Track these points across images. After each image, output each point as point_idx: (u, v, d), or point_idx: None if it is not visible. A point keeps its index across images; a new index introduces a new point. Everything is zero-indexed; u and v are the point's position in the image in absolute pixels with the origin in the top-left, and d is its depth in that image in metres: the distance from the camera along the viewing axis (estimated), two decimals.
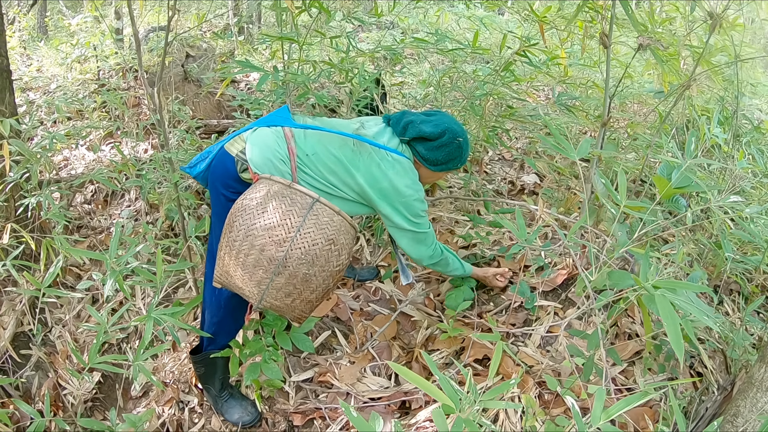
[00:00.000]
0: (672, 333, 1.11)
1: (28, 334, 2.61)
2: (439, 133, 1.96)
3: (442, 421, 1.07)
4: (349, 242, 1.78)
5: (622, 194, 1.57)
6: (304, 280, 1.69)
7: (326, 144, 1.90)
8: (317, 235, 1.68)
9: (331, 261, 1.72)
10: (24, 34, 5.94)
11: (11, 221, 2.61)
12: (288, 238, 1.65)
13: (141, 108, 4.24)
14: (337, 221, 1.73)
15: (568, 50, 3.37)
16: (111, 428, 2.02)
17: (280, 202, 1.69)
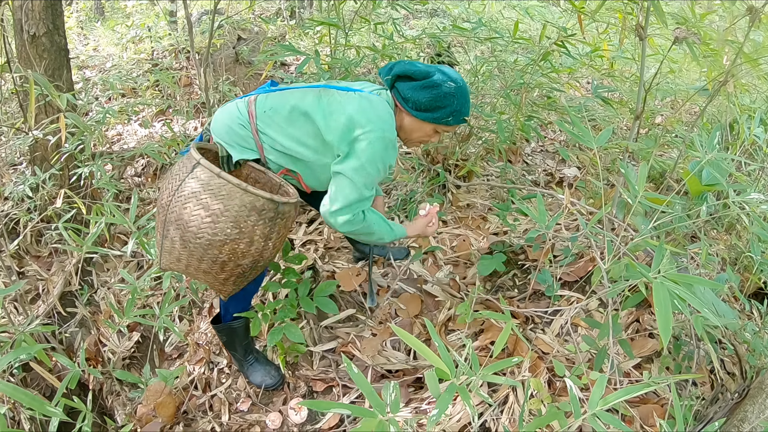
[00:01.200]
0: (661, 319, 1.14)
1: (75, 294, 2.78)
2: (426, 72, 1.76)
3: (434, 384, 1.13)
4: (233, 208, 1.57)
5: (640, 186, 1.58)
6: (183, 245, 1.62)
7: (286, 97, 1.81)
8: (188, 198, 1.58)
9: (204, 229, 1.57)
10: (81, 14, 6.22)
11: (65, 188, 2.78)
12: (167, 201, 1.62)
13: (192, 87, 4.41)
14: (215, 184, 1.57)
15: (611, 43, 3.33)
16: (143, 381, 2.16)
17: (179, 167, 1.66)
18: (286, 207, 1.65)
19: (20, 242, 2.96)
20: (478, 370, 1.25)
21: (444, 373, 1.16)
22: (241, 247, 1.61)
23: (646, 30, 2.08)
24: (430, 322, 1.39)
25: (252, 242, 1.62)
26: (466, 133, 3.10)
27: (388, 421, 1.07)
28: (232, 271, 1.68)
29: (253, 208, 1.57)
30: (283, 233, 1.71)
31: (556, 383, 1.96)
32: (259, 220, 1.59)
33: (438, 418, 1.13)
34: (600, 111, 3.71)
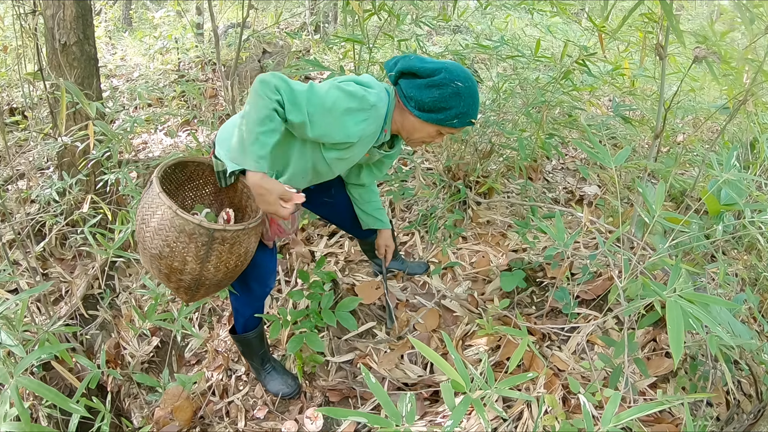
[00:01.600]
0: (673, 337, 1.15)
1: (97, 297, 2.84)
2: (432, 69, 1.65)
3: (450, 396, 1.15)
4: (164, 228, 1.59)
5: (657, 205, 1.59)
6: (141, 253, 1.71)
7: None
8: (139, 211, 1.66)
9: (146, 241, 1.64)
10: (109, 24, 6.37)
11: (91, 194, 2.85)
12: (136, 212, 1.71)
13: (217, 99, 4.49)
14: (156, 203, 1.61)
15: (632, 61, 3.34)
16: (161, 384, 2.20)
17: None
18: (226, 234, 1.61)
19: (45, 245, 3.03)
20: (493, 384, 1.26)
21: (459, 385, 1.17)
22: (176, 264, 1.63)
23: (666, 49, 2.10)
24: (448, 336, 1.40)
25: (185, 262, 1.62)
26: (488, 150, 3.12)
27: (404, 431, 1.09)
28: (178, 284, 1.70)
29: (182, 230, 1.58)
30: (227, 258, 1.67)
31: (571, 400, 1.96)
32: (189, 243, 1.59)
33: (452, 429, 1.14)
34: (621, 129, 3.72)
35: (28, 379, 1.39)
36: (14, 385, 1.39)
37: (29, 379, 1.40)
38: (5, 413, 1.40)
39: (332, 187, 2.23)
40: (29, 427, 1.43)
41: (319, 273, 2.34)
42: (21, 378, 1.39)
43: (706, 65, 2.21)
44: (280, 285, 2.74)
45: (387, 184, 3.25)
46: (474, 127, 3.07)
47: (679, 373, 2.10)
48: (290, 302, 2.57)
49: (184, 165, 1.95)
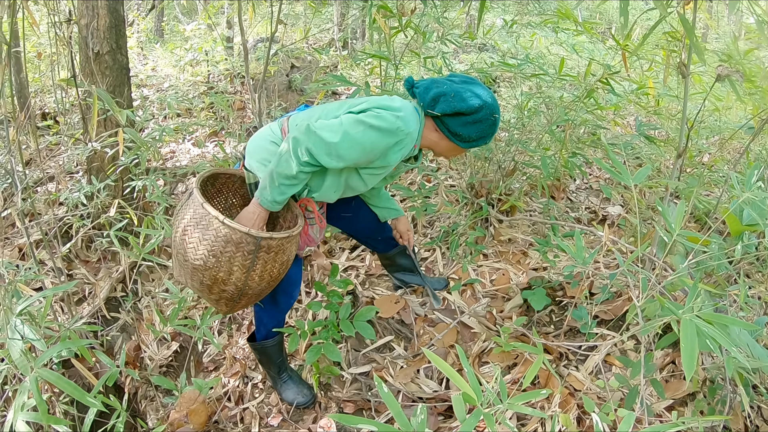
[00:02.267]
0: (686, 356, 1.14)
1: (120, 300, 2.90)
2: (476, 107, 1.76)
3: (460, 408, 1.15)
4: (210, 239, 1.62)
5: (677, 224, 1.58)
6: (179, 264, 1.72)
7: (317, 109, 1.87)
8: (179, 223, 1.67)
9: (188, 253, 1.65)
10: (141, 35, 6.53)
11: (118, 199, 2.92)
12: (173, 221, 1.74)
13: (245, 111, 4.57)
14: (198, 214, 1.64)
15: (656, 80, 3.33)
16: (178, 388, 2.23)
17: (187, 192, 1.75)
18: (272, 242, 1.65)
19: (71, 246, 3.11)
20: (506, 400, 1.26)
21: (470, 398, 1.18)
22: (221, 275, 1.66)
23: (688, 67, 2.09)
24: (464, 352, 1.40)
25: (231, 272, 1.65)
26: (511, 168, 3.12)
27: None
28: (219, 295, 1.73)
29: (229, 240, 1.61)
30: (271, 266, 1.72)
31: (586, 420, 1.94)
32: (236, 252, 1.62)
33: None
34: (645, 149, 3.69)
35: (47, 372, 1.43)
36: (34, 376, 1.43)
37: (49, 372, 1.43)
38: (23, 404, 1.43)
39: (353, 200, 2.26)
40: (46, 419, 1.46)
41: (335, 282, 2.36)
42: (41, 370, 1.43)
43: (729, 84, 2.20)
44: (301, 296, 2.76)
45: (410, 200, 3.27)
46: (498, 145, 3.09)
47: (697, 397, 2.07)
48: (309, 313, 2.60)
49: (216, 177, 2.00)
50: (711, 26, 7.05)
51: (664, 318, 1.45)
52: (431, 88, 1.80)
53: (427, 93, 1.81)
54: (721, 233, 3.01)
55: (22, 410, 1.42)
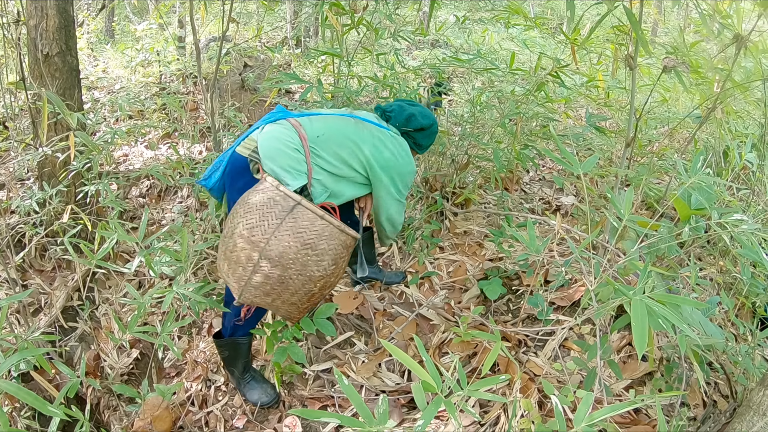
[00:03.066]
0: (638, 335, 1.19)
1: (77, 309, 2.83)
2: (430, 123, 2.30)
3: (420, 396, 1.17)
4: (334, 248, 1.70)
5: (626, 209, 1.64)
6: (280, 281, 1.67)
7: (331, 124, 2.08)
8: (293, 239, 1.64)
9: (310, 266, 1.67)
10: (92, 36, 6.35)
11: (71, 204, 2.85)
12: (263, 239, 1.64)
13: (198, 112, 4.50)
14: (319, 226, 1.67)
15: (606, 73, 3.42)
16: (141, 395, 2.20)
17: (265, 203, 1.70)
18: (349, 239, 1.80)
19: (25, 255, 3.02)
20: (466, 386, 1.29)
21: (430, 386, 1.20)
22: (332, 280, 1.77)
23: (636, 60, 2.16)
24: (422, 344, 1.42)
25: (339, 275, 1.80)
26: (464, 161, 3.16)
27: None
28: (316, 301, 1.82)
29: (346, 245, 1.75)
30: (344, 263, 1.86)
31: (547, 404, 1.99)
32: (346, 255, 1.77)
33: (423, 428, 1.16)
34: (597, 140, 3.79)
35: (7, 383, 1.39)
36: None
37: (8, 383, 1.39)
38: None
39: None
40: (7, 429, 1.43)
41: None
42: (0, 381, 1.39)
43: (676, 75, 2.28)
44: None
45: None
46: (451, 140, 3.12)
47: (654, 376, 2.14)
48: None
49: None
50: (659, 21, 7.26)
51: (616, 300, 1.50)
52: (404, 111, 2.24)
53: (401, 114, 2.24)
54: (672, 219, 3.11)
55: None
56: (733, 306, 2.24)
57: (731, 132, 3.30)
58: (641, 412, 2.04)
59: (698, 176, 1.82)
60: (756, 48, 2.50)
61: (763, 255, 1.65)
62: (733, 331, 2.38)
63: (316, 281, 1.70)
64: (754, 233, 1.60)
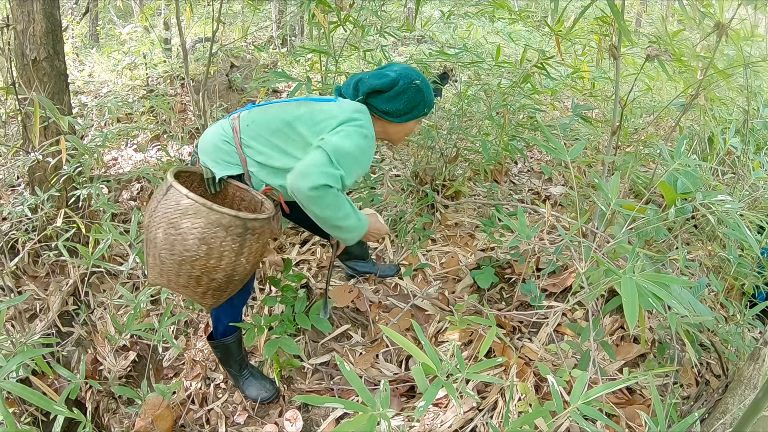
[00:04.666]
0: (629, 311, 1.23)
1: (72, 313, 2.83)
2: (391, 81, 1.90)
3: (421, 378, 1.20)
4: (200, 226, 1.64)
5: (613, 193, 1.68)
6: (161, 262, 1.71)
7: (267, 110, 1.91)
8: (162, 219, 1.68)
9: (176, 246, 1.66)
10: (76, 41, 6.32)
11: (64, 208, 2.85)
12: (147, 221, 1.72)
13: (186, 114, 4.51)
14: (183, 204, 1.65)
15: (591, 64, 3.47)
16: (141, 396, 2.21)
17: (157, 191, 1.76)
18: (256, 223, 1.70)
19: (18, 262, 3.01)
20: (465, 369, 1.32)
21: (429, 368, 1.23)
22: (212, 262, 1.68)
23: (619, 49, 2.20)
24: (417, 324, 1.43)
25: (221, 257, 1.68)
26: (453, 154, 3.20)
27: (379, 415, 1.14)
28: (207, 285, 1.75)
29: (219, 225, 1.64)
30: (256, 248, 1.76)
31: (543, 387, 2.03)
32: (227, 237, 1.66)
33: (425, 409, 1.20)
34: (584, 131, 3.84)
35: (11, 384, 1.40)
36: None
37: (13, 384, 1.40)
38: None
39: None
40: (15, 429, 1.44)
41: (288, 276, 2.38)
42: (4, 382, 1.40)
43: (659, 63, 2.33)
44: (255, 293, 2.77)
45: (356, 192, 3.31)
46: (439, 133, 3.16)
47: (647, 357, 2.19)
48: (265, 309, 2.61)
49: (177, 175, 2.00)
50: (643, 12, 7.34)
51: (607, 280, 1.53)
52: (350, 81, 1.97)
53: (349, 86, 1.97)
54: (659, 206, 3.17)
55: None
56: (722, 289, 2.29)
57: (715, 119, 3.36)
58: (635, 393, 2.08)
59: (683, 160, 1.87)
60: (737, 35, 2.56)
61: (748, 234, 1.69)
62: (723, 313, 2.43)
63: (191, 263, 1.68)
64: (738, 212, 1.64)
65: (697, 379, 2.13)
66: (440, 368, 1.24)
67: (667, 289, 1.44)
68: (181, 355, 2.62)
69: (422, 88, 1.94)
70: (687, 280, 1.80)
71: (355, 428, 1.15)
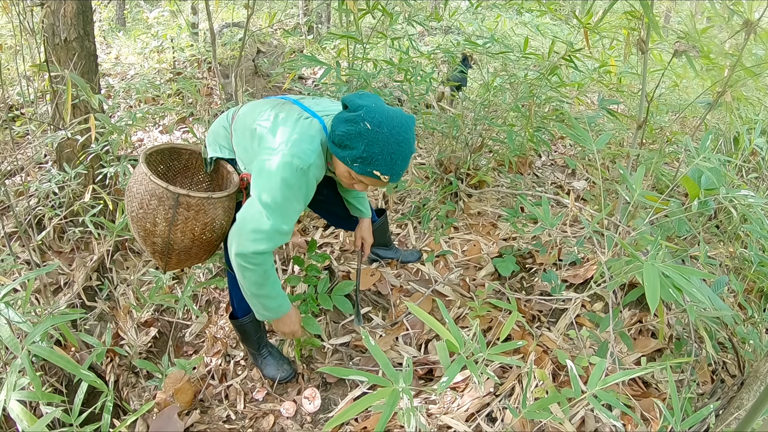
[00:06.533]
0: (650, 294, 1.23)
1: (95, 289, 2.89)
2: (358, 105, 1.61)
3: (444, 354, 1.22)
4: (141, 193, 1.80)
5: (637, 185, 1.68)
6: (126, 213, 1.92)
7: (255, 105, 1.88)
8: (129, 183, 1.88)
9: (128, 205, 1.88)
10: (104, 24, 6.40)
11: (92, 185, 2.90)
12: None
13: (212, 97, 4.55)
14: (137, 172, 1.85)
15: (618, 59, 3.45)
16: (162, 370, 2.26)
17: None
18: (190, 200, 1.80)
19: (44, 237, 3.08)
20: (485, 350, 1.34)
21: (453, 345, 1.25)
22: (147, 226, 1.85)
23: (647, 44, 2.19)
24: (442, 303, 1.44)
25: (155, 224, 1.84)
26: (478, 144, 3.21)
27: (402, 391, 1.16)
28: (153, 247, 1.91)
29: (153, 194, 1.80)
30: (192, 224, 1.84)
31: (560, 376, 2.04)
32: (159, 206, 1.81)
33: (447, 385, 1.22)
34: (609, 126, 3.82)
35: (39, 347, 1.44)
36: (26, 353, 1.43)
37: (40, 347, 1.44)
38: (14, 383, 1.43)
39: (324, 188, 2.29)
40: (41, 395, 1.47)
41: (313, 256, 2.41)
42: (32, 346, 1.44)
43: (687, 59, 2.32)
44: (278, 274, 2.80)
45: None
46: (465, 122, 3.16)
47: (664, 353, 2.19)
48: (288, 288, 2.64)
49: (180, 153, 2.16)
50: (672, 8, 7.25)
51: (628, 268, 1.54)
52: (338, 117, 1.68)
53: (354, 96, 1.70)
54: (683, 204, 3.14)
55: (14, 390, 1.40)
56: (742, 290, 2.28)
57: (741, 118, 3.32)
58: (651, 386, 2.08)
59: (707, 155, 1.86)
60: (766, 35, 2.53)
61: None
62: (742, 315, 2.42)
63: (134, 221, 1.87)
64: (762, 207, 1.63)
65: (712, 378, 2.13)
66: (463, 346, 1.26)
67: (689, 280, 1.44)
68: (202, 333, 2.67)
69: (365, 135, 1.58)
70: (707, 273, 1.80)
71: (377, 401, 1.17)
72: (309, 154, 1.64)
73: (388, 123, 1.58)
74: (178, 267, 2.03)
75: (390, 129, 1.58)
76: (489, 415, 1.95)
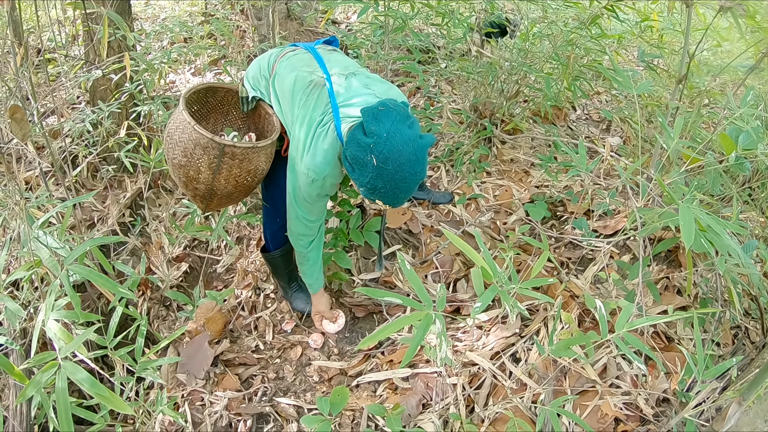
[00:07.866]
0: (686, 232, 1.24)
1: (128, 225, 2.96)
2: (369, 131, 1.57)
3: (479, 281, 1.24)
4: (185, 141, 1.83)
5: (676, 134, 1.66)
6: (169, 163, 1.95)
7: (292, 70, 1.89)
8: (168, 128, 1.90)
9: (169, 153, 1.91)
10: None
11: (127, 121, 2.94)
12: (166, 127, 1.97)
13: (245, 40, 4.53)
14: (179, 119, 1.84)
15: (661, 14, 3.35)
16: (193, 302, 2.33)
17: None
18: (236, 150, 1.82)
19: (78, 175, 3.14)
20: (517, 282, 1.36)
21: (487, 273, 1.27)
22: (191, 173, 1.88)
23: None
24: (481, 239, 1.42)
25: (200, 172, 1.87)
26: (514, 91, 3.17)
27: (435, 315, 1.19)
28: (194, 192, 1.96)
29: (198, 143, 1.81)
30: (236, 172, 1.89)
31: (586, 322, 2.06)
32: (203, 155, 1.82)
33: (480, 310, 1.24)
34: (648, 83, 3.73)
35: (79, 267, 1.47)
36: (65, 273, 1.46)
37: (80, 267, 1.48)
38: (53, 305, 1.46)
39: None
40: (80, 314, 1.52)
41: (346, 191, 2.44)
42: (73, 266, 1.47)
43: (732, 15, 2.24)
44: None
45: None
46: (501, 70, 3.12)
47: (689, 310, 2.19)
48: None
49: (215, 91, 2.17)
50: None
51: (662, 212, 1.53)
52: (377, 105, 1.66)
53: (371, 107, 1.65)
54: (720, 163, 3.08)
55: (52, 310, 1.43)
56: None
57: None
58: (673, 341, 2.09)
59: (747, 111, 1.82)
60: None
61: None
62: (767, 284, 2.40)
63: (176, 168, 1.90)
64: None
65: (733, 341, 2.13)
66: (497, 276, 1.28)
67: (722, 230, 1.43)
68: (232, 269, 2.72)
69: (368, 166, 1.56)
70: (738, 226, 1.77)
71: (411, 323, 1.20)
72: (323, 168, 1.77)
73: (395, 159, 1.54)
74: (217, 208, 2.09)
75: (396, 166, 1.55)
76: (513, 355, 1.99)
